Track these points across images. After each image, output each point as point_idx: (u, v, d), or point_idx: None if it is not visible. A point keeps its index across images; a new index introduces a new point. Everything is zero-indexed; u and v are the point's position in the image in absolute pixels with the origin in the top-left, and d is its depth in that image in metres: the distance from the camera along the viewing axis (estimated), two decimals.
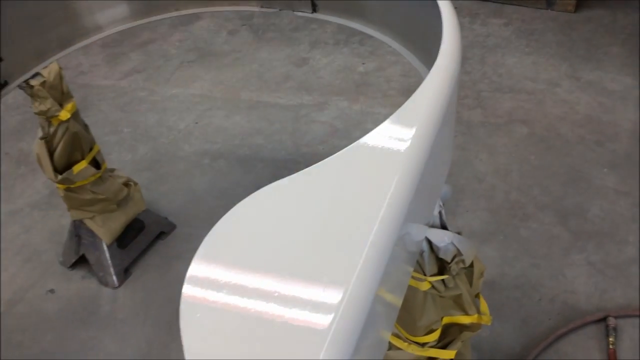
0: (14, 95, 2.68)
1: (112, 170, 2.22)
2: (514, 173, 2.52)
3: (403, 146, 0.90)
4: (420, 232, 1.17)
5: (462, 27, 3.46)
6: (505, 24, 3.45)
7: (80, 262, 2.30)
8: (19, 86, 1.77)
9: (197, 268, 0.73)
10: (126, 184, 2.23)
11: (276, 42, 3.50)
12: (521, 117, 2.80)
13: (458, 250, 1.31)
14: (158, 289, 2.22)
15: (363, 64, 3.24)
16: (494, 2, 3.61)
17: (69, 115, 1.91)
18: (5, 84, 1.78)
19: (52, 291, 2.24)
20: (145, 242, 2.33)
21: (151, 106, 3.11)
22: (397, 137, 0.92)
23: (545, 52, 3.19)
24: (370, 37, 1.66)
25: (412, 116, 0.96)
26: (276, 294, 0.66)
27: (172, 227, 2.42)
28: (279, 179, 0.83)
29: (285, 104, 3.02)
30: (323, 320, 0.63)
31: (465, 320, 1.54)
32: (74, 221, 2.20)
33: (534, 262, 2.16)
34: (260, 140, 2.83)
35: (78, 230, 2.22)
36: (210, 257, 0.75)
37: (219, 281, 0.70)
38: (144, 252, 2.33)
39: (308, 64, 3.29)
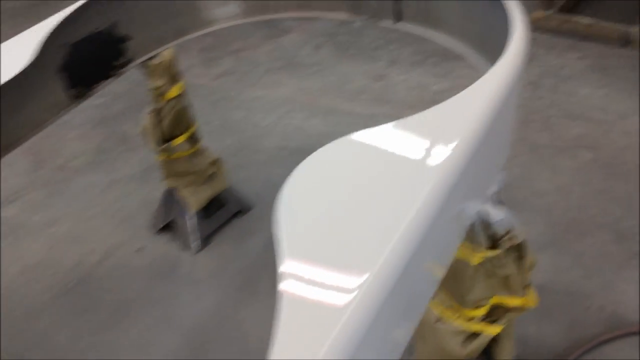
0: (123, 81, 3.05)
1: (205, 149, 2.50)
2: (574, 193, 2.62)
3: (461, 123, 1.07)
4: (472, 206, 1.32)
5: (537, 57, 3.60)
6: (580, 57, 3.56)
7: (167, 228, 2.58)
8: (142, 63, 2.09)
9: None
10: (214, 163, 2.51)
11: (357, 59, 3.76)
12: (587, 143, 2.90)
13: (510, 225, 1.46)
14: (232, 259, 2.46)
15: (436, 83, 3.44)
16: (570, 37, 3.73)
17: (177, 93, 2.22)
18: (129, 61, 2.11)
19: (140, 250, 2.54)
20: (225, 216, 2.59)
21: (239, 104, 3.42)
22: (457, 115, 1.11)
23: (617, 86, 3.28)
24: (445, 59, 1.85)
25: (475, 98, 1.15)
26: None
27: (249, 207, 2.67)
28: None
29: (360, 113, 3.26)
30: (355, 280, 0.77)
31: (512, 302, 1.66)
32: (167, 191, 2.50)
33: (586, 274, 2.25)
34: None
35: (169, 199, 2.50)
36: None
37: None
38: (222, 225, 2.59)
39: (384, 80, 3.52)
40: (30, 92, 1.55)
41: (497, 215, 1.43)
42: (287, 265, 0.81)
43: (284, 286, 0.78)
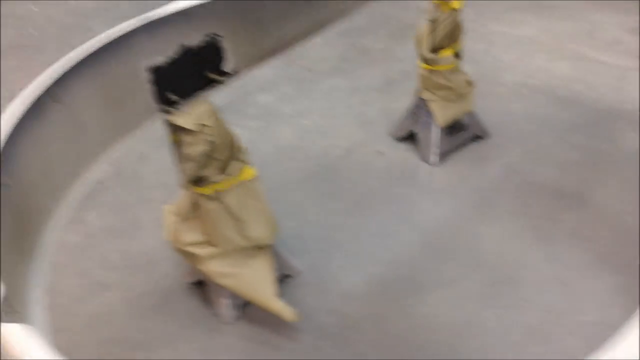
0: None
1: (462, 68, 2.56)
2: None
3: None
4: None
5: None
6: None
7: (407, 138, 2.72)
8: None
9: None
10: (469, 84, 2.56)
11: (610, 7, 3.52)
12: None
13: None
14: (469, 177, 2.54)
15: None
16: None
17: (458, 7, 2.27)
18: None
19: (381, 152, 2.71)
20: (465, 137, 2.66)
21: (480, 37, 3.41)
22: None
23: None
24: None
25: None
26: None
27: (488, 135, 2.71)
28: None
29: (612, 63, 3.08)
30: None
31: None
32: (416, 102, 2.61)
33: None
34: (581, 87, 2.96)
35: (418, 110, 2.62)
36: None
37: None
38: (460, 145, 2.66)
39: None
40: None
41: None
42: None
43: None
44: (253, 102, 3.07)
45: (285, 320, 1.89)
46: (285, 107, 3.05)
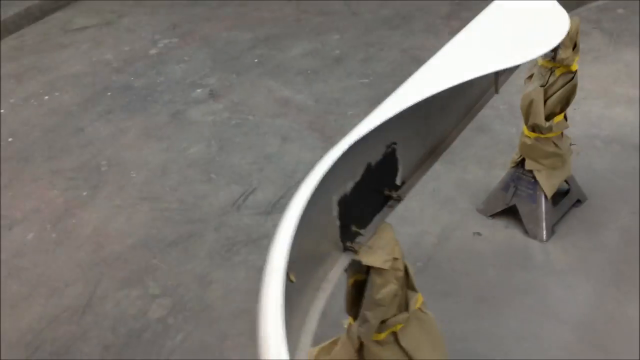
0: None
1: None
2: None
3: None
4: None
5: None
6: None
7: (499, 214, 2.43)
8: None
9: None
10: (570, 146, 2.32)
11: (635, 46, 3.47)
12: None
13: None
14: (589, 250, 2.26)
15: None
16: None
17: (575, 68, 2.05)
18: None
19: (478, 234, 2.39)
20: (568, 205, 2.41)
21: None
22: None
23: None
24: None
25: None
26: None
27: (585, 197, 2.47)
28: None
29: None
30: None
31: None
32: (515, 173, 2.34)
33: None
34: None
35: (516, 182, 2.35)
36: None
37: None
38: (564, 213, 2.40)
39: None
40: None
41: None
42: None
43: None
44: None
45: None
46: None
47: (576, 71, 2.07)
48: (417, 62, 3.34)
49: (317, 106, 3.37)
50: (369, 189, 1.27)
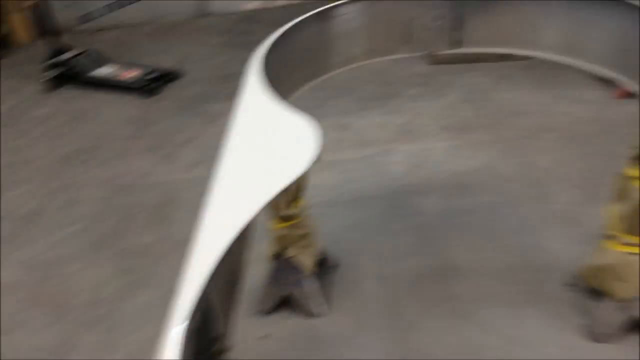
0: None
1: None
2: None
3: None
4: None
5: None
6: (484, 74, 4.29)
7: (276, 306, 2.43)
8: None
9: None
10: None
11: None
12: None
13: None
14: (363, 303, 2.42)
15: None
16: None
17: None
18: None
19: (265, 337, 2.33)
20: (325, 273, 2.55)
21: None
22: None
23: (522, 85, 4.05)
24: None
25: None
26: None
27: (338, 260, 2.67)
28: None
29: None
30: None
31: None
32: (274, 264, 2.37)
33: None
34: None
35: (278, 273, 2.38)
36: None
37: None
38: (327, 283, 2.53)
39: None
40: None
41: None
42: None
43: None
44: None
45: None
46: None
47: None
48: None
49: None
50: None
